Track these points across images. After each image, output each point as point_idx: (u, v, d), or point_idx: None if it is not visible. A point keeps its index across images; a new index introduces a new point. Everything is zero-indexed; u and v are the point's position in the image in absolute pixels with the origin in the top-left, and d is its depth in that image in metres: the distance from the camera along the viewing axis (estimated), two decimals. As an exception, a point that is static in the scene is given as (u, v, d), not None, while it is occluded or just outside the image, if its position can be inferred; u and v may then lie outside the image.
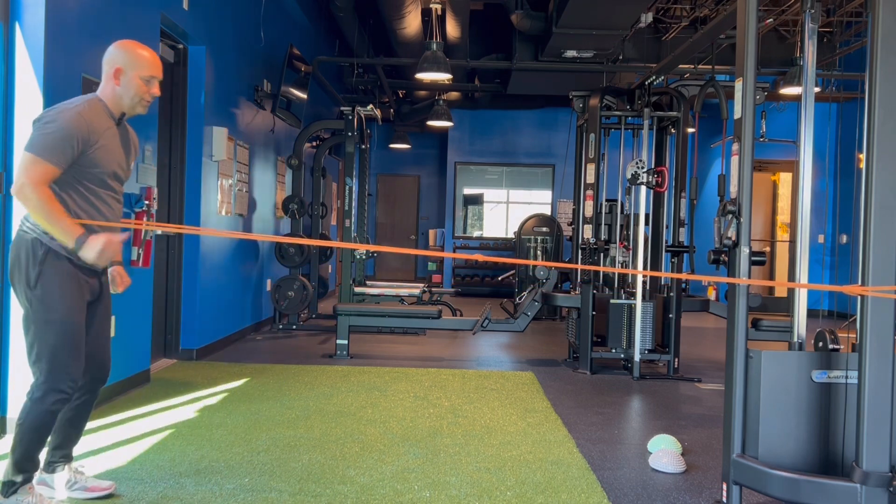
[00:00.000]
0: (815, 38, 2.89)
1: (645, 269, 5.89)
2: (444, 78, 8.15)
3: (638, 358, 5.65)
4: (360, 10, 9.00)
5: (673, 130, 6.10)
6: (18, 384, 3.64)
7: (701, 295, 8.84)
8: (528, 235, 10.25)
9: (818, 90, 7.67)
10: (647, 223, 5.97)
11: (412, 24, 8.15)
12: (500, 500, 2.99)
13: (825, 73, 8.33)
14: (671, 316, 5.77)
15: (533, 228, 10.26)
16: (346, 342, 6.12)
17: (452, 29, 8.33)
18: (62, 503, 2.81)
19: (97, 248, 2.48)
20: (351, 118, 7.65)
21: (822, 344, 2.74)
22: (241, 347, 6.55)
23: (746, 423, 2.72)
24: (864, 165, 2.47)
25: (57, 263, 2.56)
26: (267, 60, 7.53)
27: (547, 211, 13.06)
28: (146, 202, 4.65)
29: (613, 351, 5.82)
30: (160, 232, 5.35)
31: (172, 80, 5.61)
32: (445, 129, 13.33)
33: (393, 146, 14.42)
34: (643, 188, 5.75)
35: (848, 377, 2.63)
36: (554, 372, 5.85)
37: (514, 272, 10.03)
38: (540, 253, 10.20)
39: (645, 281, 5.87)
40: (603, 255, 5.91)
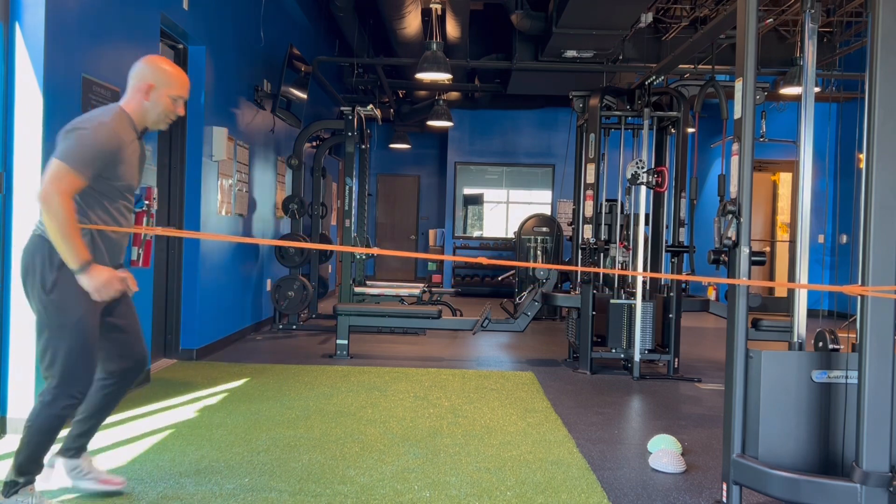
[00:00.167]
0: (815, 38, 2.89)
1: (645, 269, 5.89)
2: (444, 78, 8.15)
3: (638, 358, 5.65)
4: (360, 10, 9.00)
5: (673, 130, 6.10)
6: (18, 384, 3.64)
7: (701, 295, 8.84)
8: (528, 235, 10.25)
9: (818, 90, 7.67)
10: (647, 223, 5.97)
11: (412, 24, 8.15)
12: (500, 500, 2.99)
13: (825, 73, 8.33)
14: (671, 316, 5.77)
15: (533, 228, 10.26)
16: (346, 342, 6.12)
17: (452, 29, 8.33)
18: (64, 503, 2.81)
19: (99, 281, 2.53)
20: (351, 118, 7.64)
21: (822, 344, 2.74)
22: (241, 347, 6.55)
23: (746, 423, 2.72)
24: (864, 165, 2.47)
25: None
26: (267, 60, 7.53)
27: (547, 211, 13.06)
28: (146, 202, 4.64)
29: (613, 351, 5.82)
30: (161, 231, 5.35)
31: (172, 80, 5.61)
32: (445, 129, 13.33)
33: (393, 146, 14.42)
34: (643, 188, 5.75)
35: (848, 377, 2.63)
36: (554, 372, 5.85)
37: (514, 272, 10.03)
38: (540, 253, 10.20)
39: (645, 281, 5.87)
40: (603, 255, 5.91)
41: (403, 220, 15.44)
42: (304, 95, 8.15)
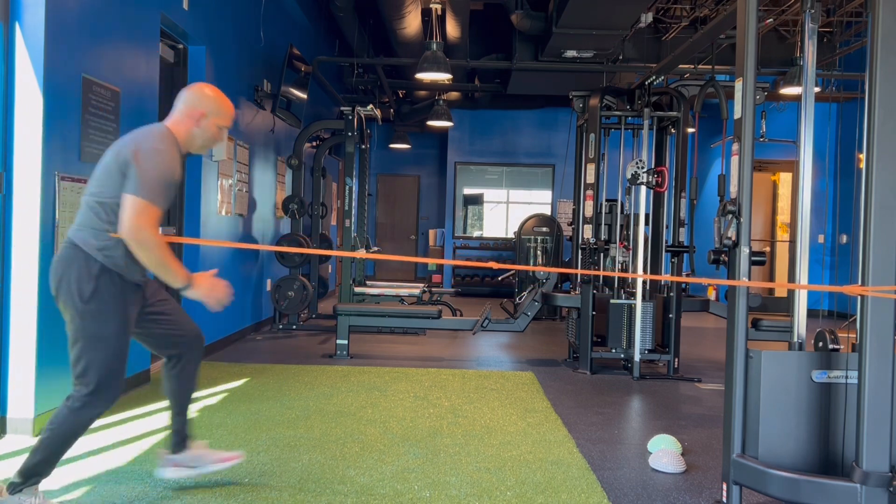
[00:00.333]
0: (815, 38, 2.89)
1: (645, 268, 5.89)
2: (444, 78, 8.15)
3: (638, 358, 5.65)
4: (360, 10, 9.00)
5: (673, 130, 6.10)
6: (18, 384, 3.64)
7: (701, 295, 8.84)
8: (528, 235, 10.25)
9: (818, 90, 7.67)
10: (647, 223, 5.97)
11: (412, 24, 8.15)
12: (500, 500, 2.99)
13: (825, 73, 8.33)
14: (671, 316, 5.77)
15: (533, 228, 10.26)
16: (346, 342, 6.12)
17: (452, 29, 8.33)
18: (64, 503, 2.81)
19: (206, 288, 2.69)
20: (351, 118, 7.65)
21: (822, 344, 2.74)
22: (241, 347, 6.55)
23: (746, 423, 2.72)
24: (864, 165, 2.47)
25: (111, 279, 2.61)
26: (267, 60, 7.53)
27: (547, 211, 13.06)
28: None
29: (613, 351, 5.82)
30: (161, 231, 5.35)
31: (172, 80, 5.61)
32: (445, 129, 13.34)
33: (393, 146, 14.42)
34: (643, 188, 5.75)
35: (848, 377, 2.63)
36: (554, 372, 5.85)
37: (513, 272, 10.02)
38: (540, 253, 10.20)
39: (645, 281, 5.87)
40: (603, 255, 5.92)
41: (403, 220, 15.44)
42: (304, 95, 8.16)
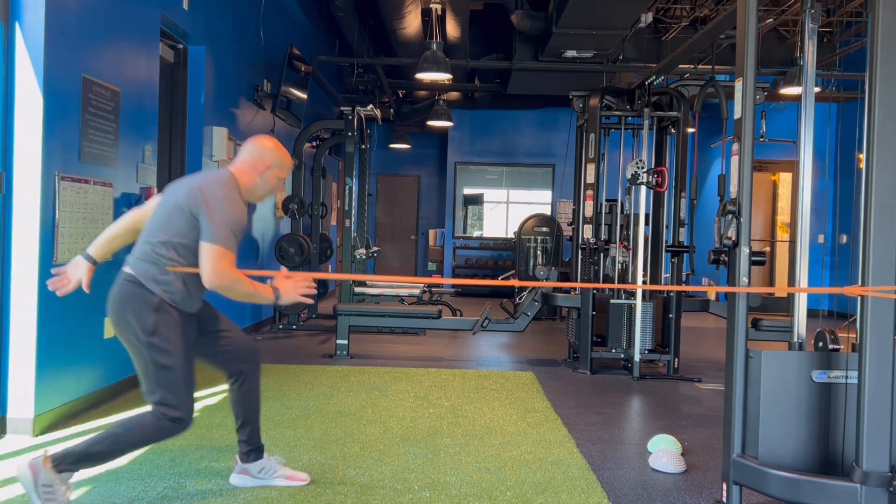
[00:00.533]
0: (815, 38, 2.89)
1: (645, 269, 5.88)
2: (444, 78, 8.15)
3: (638, 358, 5.65)
4: (360, 10, 9.00)
5: (673, 130, 6.09)
6: (18, 384, 3.64)
7: (701, 295, 8.83)
8: (528, 235, 10.25)
9: (818, 90, 7.67)
10: (647, 223, 5.97)
11: (412, 24, 8.15)
12: (500, 500, 2.99)
13: (825, 73, 8.33)
14: (671, 316, 5.77)
15: (533, 228, 10.26)
16: (346, 342, 6.12)
17: (452, 29, 8.33)
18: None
19: (287, 292, 2.78)
20: (351, 118, 7.65)
21: (822, 344, 2.74)
22: (241, 347, 6.54)
23: (746, 423, 2.72)
24: (864, 165, 2.47)
25: (169, 311, 2.69)
26: (267, 60, 7.53)
27: (547, 211, 13.06)
28: (146, 202, 4.64)
29: (613, 351, 5.82)
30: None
31: (172, 80, 5.61)
32: (445, 129, 13.33)
33: (393, 146, 14.41)
34: (643, 188, 5.75)
35: (848, 377, 2.63)
36: (554, 372, 5.85)
37: (514, 272, 10.02)
38: (540, 253, 10.20)
39: (645, 280, 5.87)
40: (603, 255, 5.91)
41: (403, 220, 15.44)
42: (304, 95, 8.15)
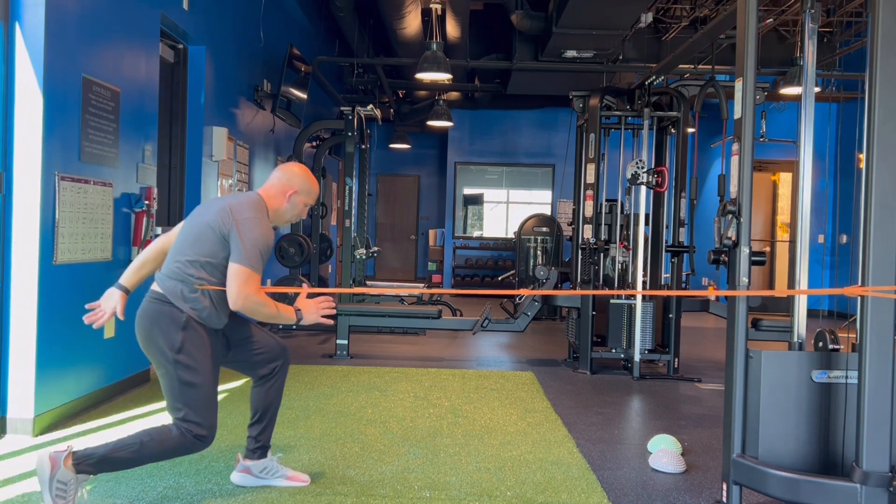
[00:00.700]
0: (815, 38, 2.89)
1: (645, 269, 5.88)
2: (444, 78, 8.15)
3: (638, 358, 5.65)
4: (360, 10, 9.00)
5: (673, 130, 6.10)
6: (18, 384, 3.64)
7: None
8: (528, 235, 10.25)
9: (818, 90, 7.67)
10: (647, 223, 5.97)
11: (412, 24, 8.15)
12: (500, 500, 2.99)
13: (825, 73, 8.33)
14: (671, 316, 5.77)
15: (533, 228, 10.25)
16: (346, 342, 6.12)
17: (452, 29, 8.33)
18: None
19: (311, 313, 2.84)
20: (351, 118, 7.65)
21: (822, 344, 2.74)
22: (241, 347, 6.54)
23: (746, 423, 2.72)
24: (864, 165, 2.47)
25: (196, 328, 2.73)
26: (267, 60, 7.52)
27: (547, 211, 13.06)
28: (146, 202, 4.65)
29: (613, 351, 5.81)
30: (161, 231, 5.35)
31: (172, 80, 5.61)
32: (445, 129, 13.33)
33: (393, 146, 14.42)
34: (643, 188, 5.75)
35: (848, 377, 2.63)
36: (554, 372, 5.84)
37: (513, 272, 10.02)
38: (540, 253, 10.20)
39: (644, 280, 5.87)
40: (603, 255, 5.91)
41: (403, 220, 15.44)
42: (304, 95, 8.15)
